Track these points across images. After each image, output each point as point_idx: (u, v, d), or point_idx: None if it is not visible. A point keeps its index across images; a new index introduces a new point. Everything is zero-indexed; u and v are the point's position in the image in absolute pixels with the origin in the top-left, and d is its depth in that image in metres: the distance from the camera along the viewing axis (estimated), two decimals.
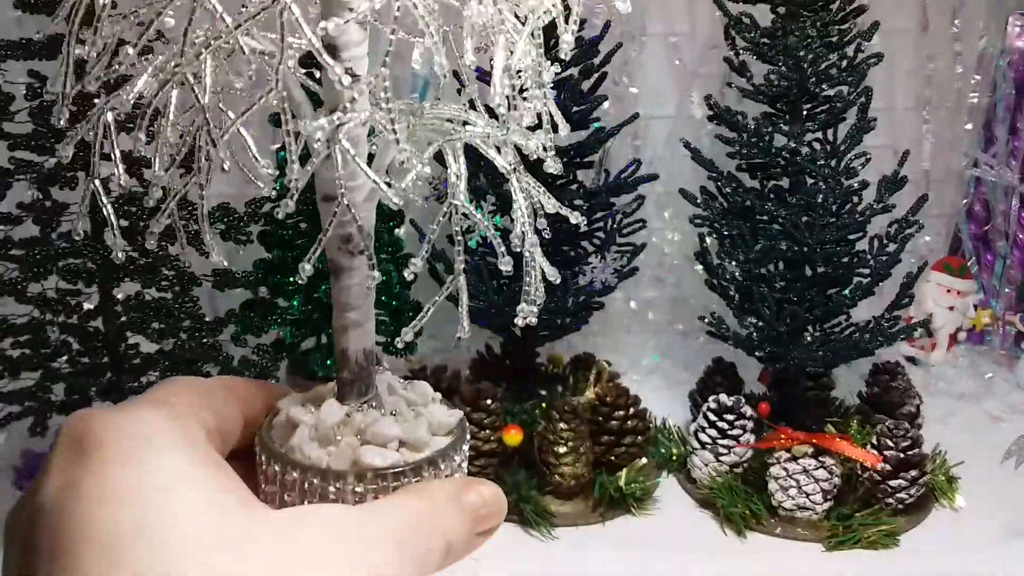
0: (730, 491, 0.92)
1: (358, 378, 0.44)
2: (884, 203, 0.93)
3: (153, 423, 0.36)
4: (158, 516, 0.33)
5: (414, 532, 0.38)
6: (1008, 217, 1.26)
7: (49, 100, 0.84)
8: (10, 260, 0.85)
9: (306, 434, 0.42)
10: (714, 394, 0.97)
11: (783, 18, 0.93)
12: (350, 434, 0.42)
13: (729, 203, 0.97)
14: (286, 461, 0.41)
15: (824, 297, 0.94)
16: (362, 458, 0.41)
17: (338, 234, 0.41)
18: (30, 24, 0.92)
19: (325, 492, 0.40)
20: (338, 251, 0.42)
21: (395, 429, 0.42)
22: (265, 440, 0.43)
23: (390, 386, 0.46)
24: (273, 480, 0.42)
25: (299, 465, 0.41)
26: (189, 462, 0.35)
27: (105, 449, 0.34)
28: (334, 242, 0.42)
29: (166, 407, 0.38)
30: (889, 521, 0.89)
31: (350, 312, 0.43)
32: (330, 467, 0.41)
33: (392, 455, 0.41)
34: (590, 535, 0.90)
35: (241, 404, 0.43)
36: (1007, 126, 1.24)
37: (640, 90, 1.16)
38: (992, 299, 1.28)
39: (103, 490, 0.33)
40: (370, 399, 0.44)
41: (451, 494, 0.41)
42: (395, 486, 0.41)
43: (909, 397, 1.02)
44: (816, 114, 0.94)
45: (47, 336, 0.88)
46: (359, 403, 0.44)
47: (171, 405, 0.38)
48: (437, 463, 0.42)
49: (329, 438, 0.42)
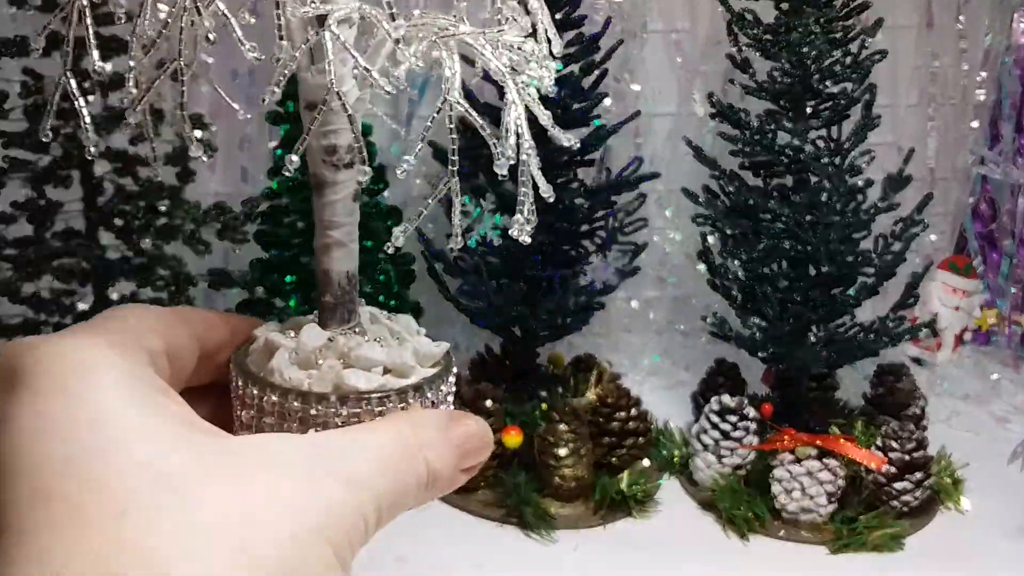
0: (733, 493, 0.91)
1: (340, 303, 0.42)
2: (889, 201, 0.92)
3: (89, 349, 0.34)
4: (90, 450, 0.31)
5: (384, 465, 0.36)
6: (1014, 215, 1.25)
7: (44, 98, 0.83)
8: (3, 260, 0.85)
9: (286, 357, 0.40)
10: (716, 395, 0.97)
11: (786, 14, 0.92)
12: (333, 357, 0.41)
13: (732, 202, 0.96)
14: (264, 384, 0.40)
15: (828, 297, 0.93)
16: (345, 380, 0.39)
17: (321, 145, 0.39)
18: (25, 21, 0.92)
19: (306, 415, 0.39)
20: (322, 164, 0.40)
21: (380, 354, 0.41)
22: (241, 363, 0.41)
23: (373, 315, 0.45)
24: (251, 405, 0.40)
25: (279, 388, 0.39)
26: (127, 390, 0.33)
27: (36, 379, 0.33)
28: (317, 154, 0.40)
29: (106, 333, 0.36)
30: (894, 524, 0.88)
31: (333, 230, 0.41)
32: (311, 389, 0.39)
33: (377, 379, 0.40)
34: (591, 537, 0.89)
35: (198, 334, 0.41)
36: (1013, 123, 1.23)
37: (641, 87, 1.15)
38: (998, 299, 1.27)
39: (35, 423, 0.32)
40: (353, 326, 0.43)
41: (437, 425, 0.39)
42: (380, 411, 0.39)
43: (914, 398, 1.02)
44: (820, 111, 0.94)
45: None
46: (341, 329, 0.42)
47: (112, 331, 0.36)
48: (423, 389, 0.41)
49: (310, 361, 0.40)
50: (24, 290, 0.85)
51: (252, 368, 0.41)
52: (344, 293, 0.42)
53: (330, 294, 0.42)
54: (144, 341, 0.37)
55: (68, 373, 0.33)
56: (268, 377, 0.40)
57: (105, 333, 0.36)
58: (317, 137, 0.39)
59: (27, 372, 0.33)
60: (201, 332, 0.41)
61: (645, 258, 1.03)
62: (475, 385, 0.95)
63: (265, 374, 0.40)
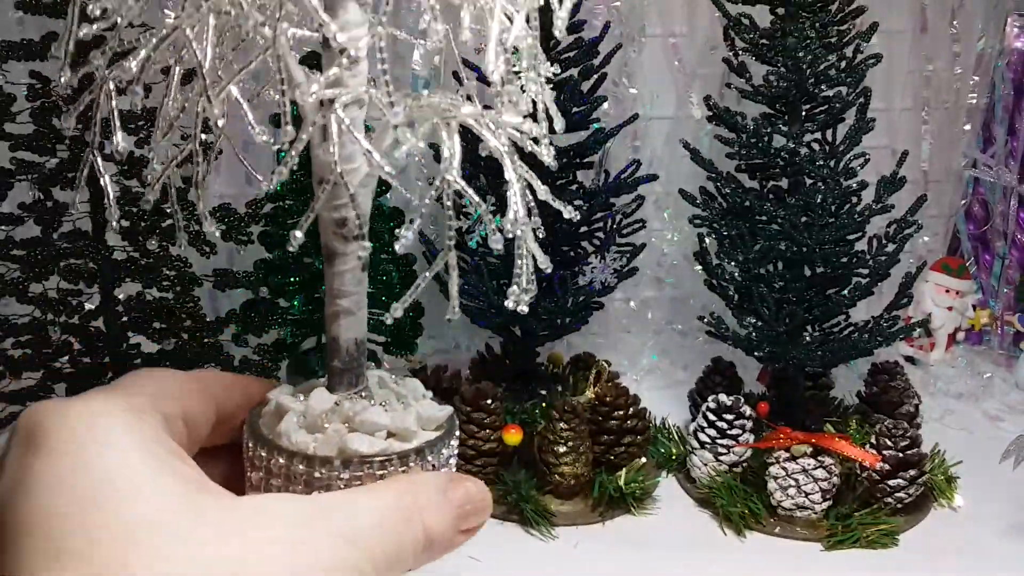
0: (729, 490, 0.92)
1: (348, 368, 0.44)
2: (883, 203, 0.93)
3: (105, 413, 0.36)
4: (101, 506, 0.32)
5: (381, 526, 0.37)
6: (1007, 217, 1.26)
7: (50, 101, 0.84)
8: (11, 260, 0.86)
9: (294, 421, 0.42)
10: (713, 394, 0.98)
11: (782, 19, 0.93)
12: (338, 421, 0.42)
13: (728, 203, 0.97)
14: (272, 446, 0.41)
15: (823, 297, 0.94)
16: (349, 444, 0.40)
17: (333, 218, 0.41)
18: (32, 25, 0.93)
19: (311, 478, 0.40)
20: (332, 235, 0.41)
21: (383, 418, 0.42)
22: (253, 425, 0.42)
23: (381, 379, 0.46)
24: (259, 466, 0.41)
25: (285, 451, 0.41)
26: (139, 451, 0.35)
27: (53, 441, 0.34)
28: (328, 226, 0.41)
29: (124, 396, 0.37)
30: (888, 521, 0.89)
31: (342, 299, 0.43)
32: (316, 453, 0.40)
33: (379, 443, 0.41)
34: (590, 534, 0.90)
35: (215, 398, 0.42)
36: (1005, 127, 1.24)
37: (639, 91, 1.16)
38: (991, 299, 1.28)
39: (49, 482, 0.33)
40: (360, 390, 0.44)
41: (436, 487, 0.40)
42: (381, 474, 0.40)
43: (908, 397, 1.02)
44: (815, 115, 0.95)
45: (48, 336, 0.88)
46: (349, 393, 0.44)
47: (130, 394, 0.38)
48: (424, 454, 0.42)
49: (317, 425, 0.42)
50: (32, 290, 0.86)
51: (263, 430, 0.42)
52: (352, 359, 0.44)
53: (338, 360, 0.44)
54: (161, 406, 0.39)
55: (84, 435, 0.35)
56: (276, 440, 0.41)
57: (123, 397, 0.38)
58: (327, 210, 0.40)
59: (46, 434, 0.35)
60: (219, 395, 0.43)
61: (643, 259, 1.04)
62: (475, 384, 0.95)
63: (274, 437, 0.42)
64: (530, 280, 0.41)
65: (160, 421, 0.38)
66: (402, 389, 0.46)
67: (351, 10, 0.38)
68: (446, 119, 0.39)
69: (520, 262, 0.41)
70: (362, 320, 0.44)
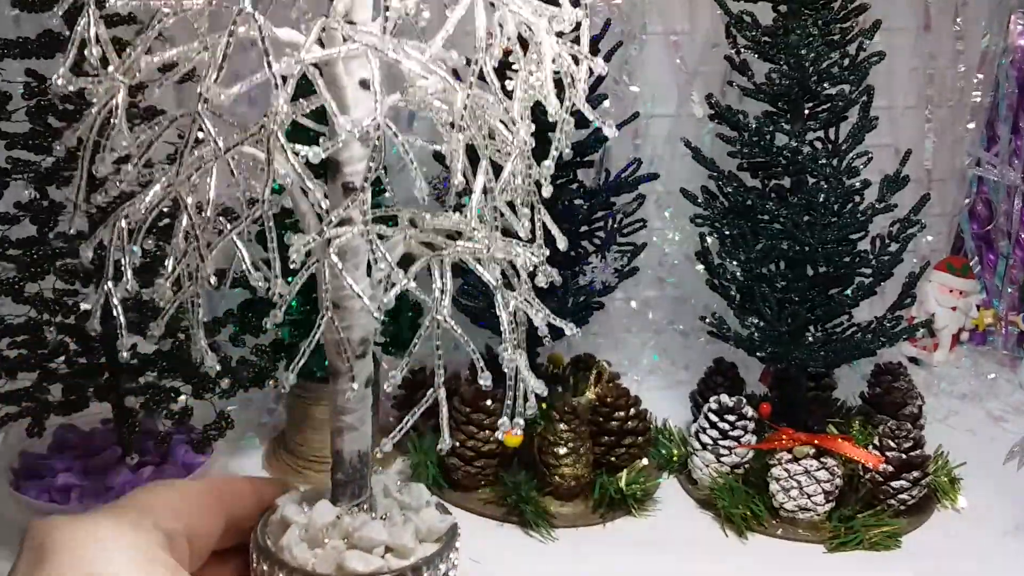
0: (731, 492, 0.91)
1: (351, 480, 0.46)
2: (886, 202, 0.93)
3: (111, 531, 0.40)
4: None
5: None
6: (1010, 216, 1.26)
7: (46, 99, 0.83)
8: (7, 260, 0.85)
9: (296, 535, 0.44)
10: (715, 394, 0.97)
11: (784, 16, 0.93)
12: (337, 537, 0.44)
13: (730, 202, 0.96)
14: (274, 560, 0.43)
15: (826, 297, 0.94)
16: (346, 562, 0.43)
17: (335, 339, 0.44)
18: (28, 22, 0.92)
19: None
20: (336, 355, 0.44)
21: (382, 534, 0.44)
22: (258, 538, 0.45)
23: (385, 488, 0.48)
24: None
25: (286, 566, 0.43)
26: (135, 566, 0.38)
27: (58, 556, 0.38)
28: (332, 346, 0.44)
29: (130, 515, 0.41)
30: (891, 522, 0.89)
31: (346, 416, 0.45)
32: (315, 569, 0.43)
33: (376, 561, 0.43)
34: (590, 536, 0.89)
35: (225, 508, 0.45)
36: (1009, 125, 1.24)
37: (641, 89, 1.16)
38: (995, 299, 1.28)
39: None
40: (363, 501, 0.46)
41: None
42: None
43: (911, 398, 1.02)
44: (817, 113, 0.94)
45: (44, 337, 0.88)
46: (351, 505, 0.46)
47: (137, 513, 0.41)
48: (420, 570, 0.44)
49: (318, 540, 0.44)
50: (28, 290, 0.86)
51: (268, 542, 0.45)
52: (355, 471, 0.46)
53: (342, 472, 0.46)
54: (163, 522, 0.42)
55: (86, 551, 0.38)
56: (279, 554, 0.44)
57: (127, 514, 0.41)
58: (329, 332, 0.44)
59: (52, 549, 0.38)
60: (229, 504, 0.46)
61: (644, 258, 1.04)
62: (475, 385, 0.95)
63: (277, 551, 0.44)
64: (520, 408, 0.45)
65: (161, 538, 0.41)
66: (406, 497, 0.48)
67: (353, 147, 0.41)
68: (440, 257, 0.42)
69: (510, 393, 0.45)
70: (365, 434, 0.46)
